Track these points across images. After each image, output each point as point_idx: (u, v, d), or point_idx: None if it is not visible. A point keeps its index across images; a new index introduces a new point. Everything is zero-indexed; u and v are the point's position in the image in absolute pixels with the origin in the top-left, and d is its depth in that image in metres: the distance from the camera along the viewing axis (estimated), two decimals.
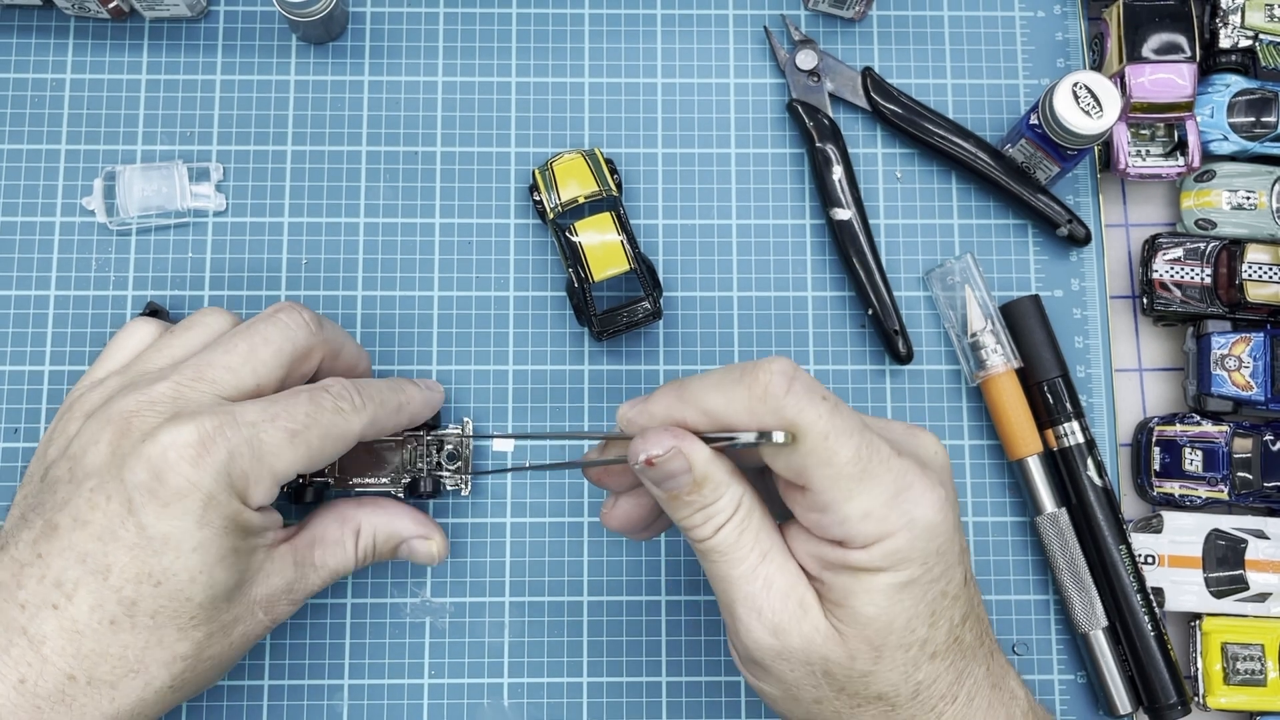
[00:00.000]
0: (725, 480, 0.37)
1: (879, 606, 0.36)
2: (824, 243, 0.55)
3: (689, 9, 0.56)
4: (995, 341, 0.52)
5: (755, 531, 0.37)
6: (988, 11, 0.57)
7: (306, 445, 0.41)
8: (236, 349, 0.42)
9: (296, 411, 0.41)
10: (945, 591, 0.37)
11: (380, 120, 0.55)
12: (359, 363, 0.48)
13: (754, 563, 0.37)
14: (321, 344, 0.44)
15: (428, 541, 0.48)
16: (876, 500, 0.35)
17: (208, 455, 0.38)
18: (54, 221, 0.53)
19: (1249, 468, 0.52)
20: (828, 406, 0.35)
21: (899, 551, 0.36)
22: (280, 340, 0.43)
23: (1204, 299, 0.53)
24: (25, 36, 0.55)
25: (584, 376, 0.53)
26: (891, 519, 0.35)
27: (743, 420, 0.36)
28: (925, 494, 0.36)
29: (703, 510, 0.37)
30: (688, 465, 0.36)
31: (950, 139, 0.54)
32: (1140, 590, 0.50)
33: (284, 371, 0.43)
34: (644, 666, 0.51)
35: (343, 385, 0.43)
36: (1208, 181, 0.54)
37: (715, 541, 0.37)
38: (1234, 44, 0.54)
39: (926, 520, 0.36)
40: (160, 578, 0.38)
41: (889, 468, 0.36)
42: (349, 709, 0.50)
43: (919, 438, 0.39)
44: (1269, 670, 0.51)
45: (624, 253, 0.51)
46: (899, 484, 0.36)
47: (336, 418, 0.42)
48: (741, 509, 0.37)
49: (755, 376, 0.35)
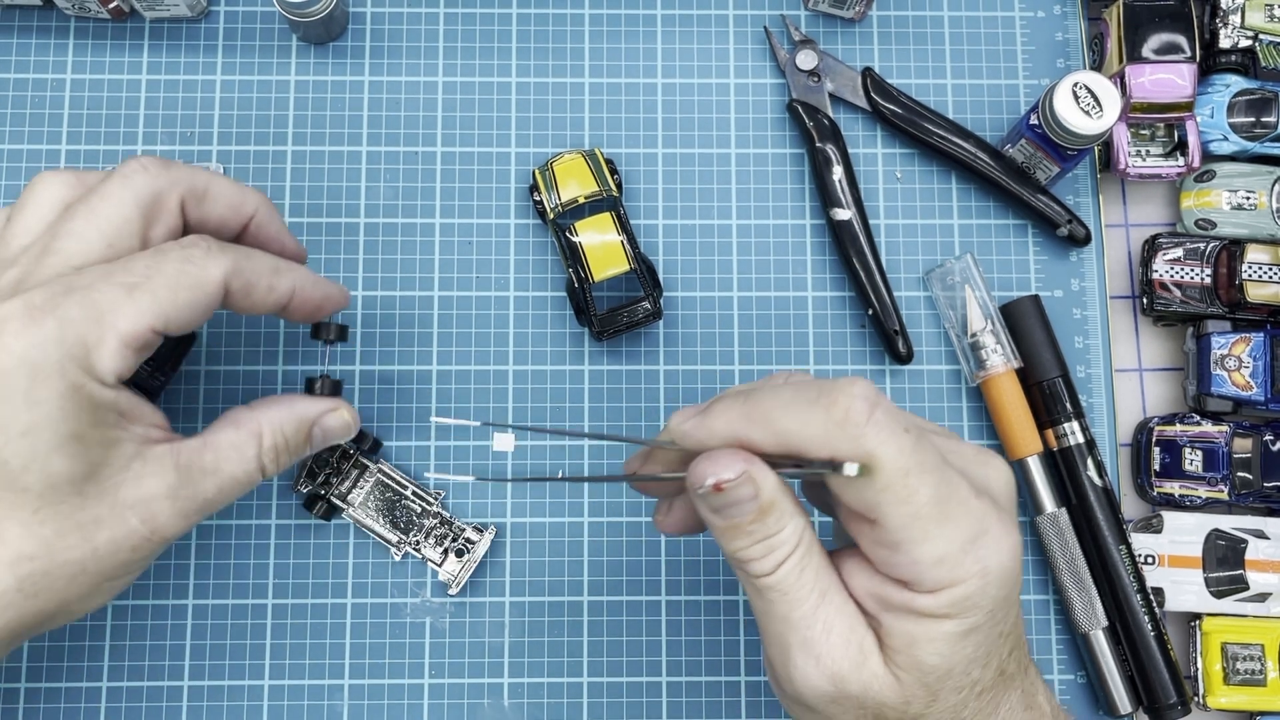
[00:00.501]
0: (791, 510, 0.35)
1: (941, 655, 0.34)
2: (824, 243, 0.55)
3: (689, 9, 0.56)
4: (995, 341, 0.52)
5: (816, 569, 0.35)
6: (988, 11, 0.57)
7: (151, 296, 0.36)
8: (78, 213, 0.38)
9: (135, 265, 0.37)
10: (1003, 633, 0.36)
11: (380, 120, 0.55)
12: (242, 203, 0.42)
13: (814, 604, 0.35)
14: (171, 185, 0.40)
15: (335, 413, 0.44)
16: (953, 545, 0.33)
17: (33, 325, 0.35)
18: None
19: (1249, 468, 0.52)
20: (910, 440, 0.33)
21: (969, 599, 0.34)
22: (120, 192, 0.38)
23: (1204, 299, 0.53)
24: (25, 36, 0.55)
25: (584, 376, 0.53)
26: (966, 565, 0.33)
27: (816, 446, 0.33)
28: (1001, 540, 0.34)
29: (764, 542, 0.35)
30: (755, 492, 0.34)
31: (950, 139, 0.54)
32: (1140, 590, 0.50)
33: (138, 225, 0.39)
34: (644, 666, 0.51)
35: (196, 238, 0.39)
36: (1208, 181, 0.54)
37: (775, 579, 0.35)
38: (1234, 44, 0.54)
39: (1001, 569, 0.34)
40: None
41: (968, 510, 0.34)
42: (349, 709, 0.50)
43: (989, 466, 0.37)
44: (1269, 670, 0.51)
45: (624, 253, 0.51)
46: (976, 529, 0.34)
47: (185, 265, 0.38)
48: (804, 543, 0.35)
49: (834, 399, 0.33)
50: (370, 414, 0.52)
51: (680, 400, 0.53)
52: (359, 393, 0.53)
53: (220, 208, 0.41)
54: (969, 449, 0.37)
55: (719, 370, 0.53)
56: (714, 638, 0.52)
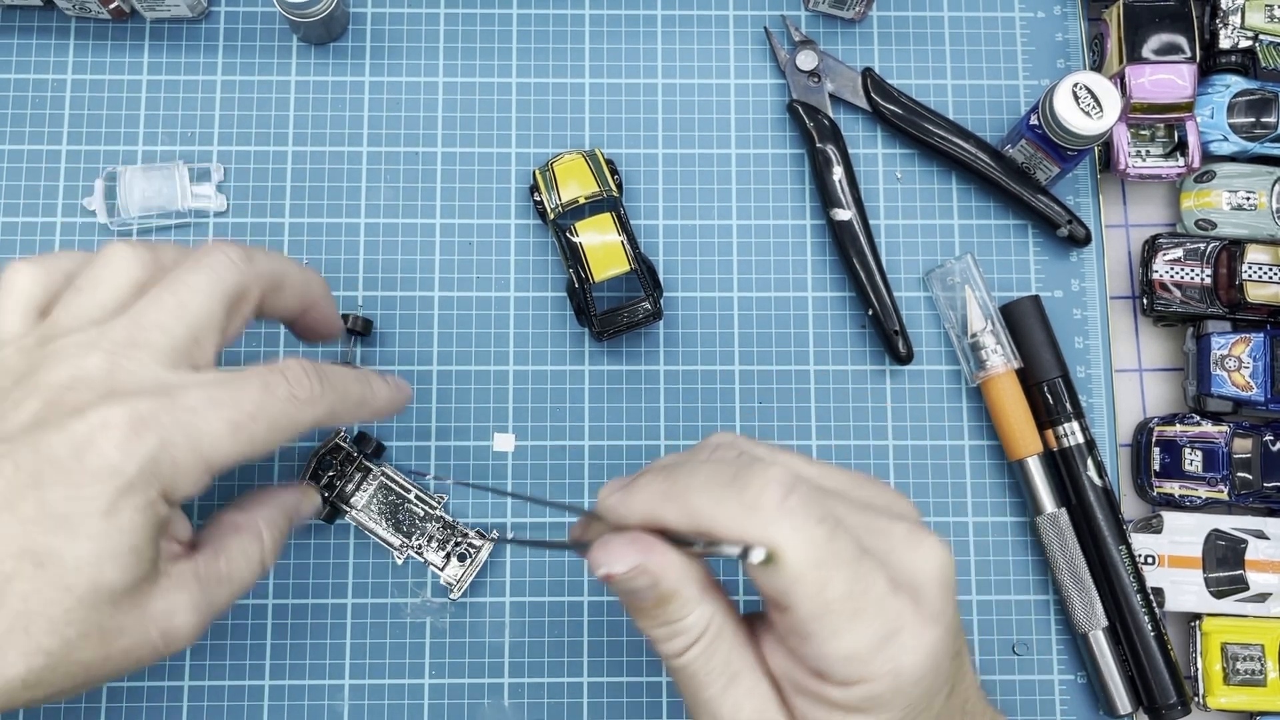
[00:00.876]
0: (695, 597, 0.34)
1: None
2: (824, 243, 0.55)
3: (689, 9, 0.56)
4: (995, 342, 0.52)
5: (727, 653, 0.34)
6: (988, 12, 0.57)
7: (250, 437, 0.37)
8: (165, 304, 0.38)
9: (244, 399, 0.37)
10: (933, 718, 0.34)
11: (381, 121, 0.55)
12: (309, 288, 0.43)
13: (722, 686, 0.34)
14: (255, 280, 0.40)
15: (308, 499, 0.46)
16: (862, 643, 0.32)
17: (137, 440, 0.35)
18: (55, 222, 0.54)
19: (1249, 468, 0.52)
20: (824, 531, 0.32)
21: (880, 697, 0.33)
22: (209, 286, 0.38)
23: (1204, 299, 0.53)
24: (26, 37, 0.55)
25: (584, 377, 0.53)
26: (876, 664, 0.32)
27: (728, 530, 0.32)
28: (916, 638, 0.33)
29: (668, 626, 0.34)
30: (653, 581, 0.34)
31: (950, 139, 0.54)
32: (1140, 590, 0.50)
33: (221, 320, 0.39)
34: (644, 666, 0.51)
35: (302, 369, 0.39)
36: (1208, 182, 0.54)
37: (682, 662, 0.35)
38: (1234, 44, 0.54)
39: (914, 669, 0.33)
40: (43, 558, 0.34)
41: (882, 609, 0.32)
42: (349, 709, 0.50)
43: (919, 550, 0.35)
44: (1269, 670, 0.51)
45: (624, 253, 0.51)
46: (890, 627, 0.32)
47: (289, 407, 0.38)
48: (711, 629, 0.34)
49: (748, 482, 0.32)
50: None
51: (680, 400, 0.53)
52: None
53: (290, 299, 0.42)
54: (900, 530, 0.35)
55: (719, 370, 0.53)
56: None
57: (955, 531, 0.53)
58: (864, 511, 0.35)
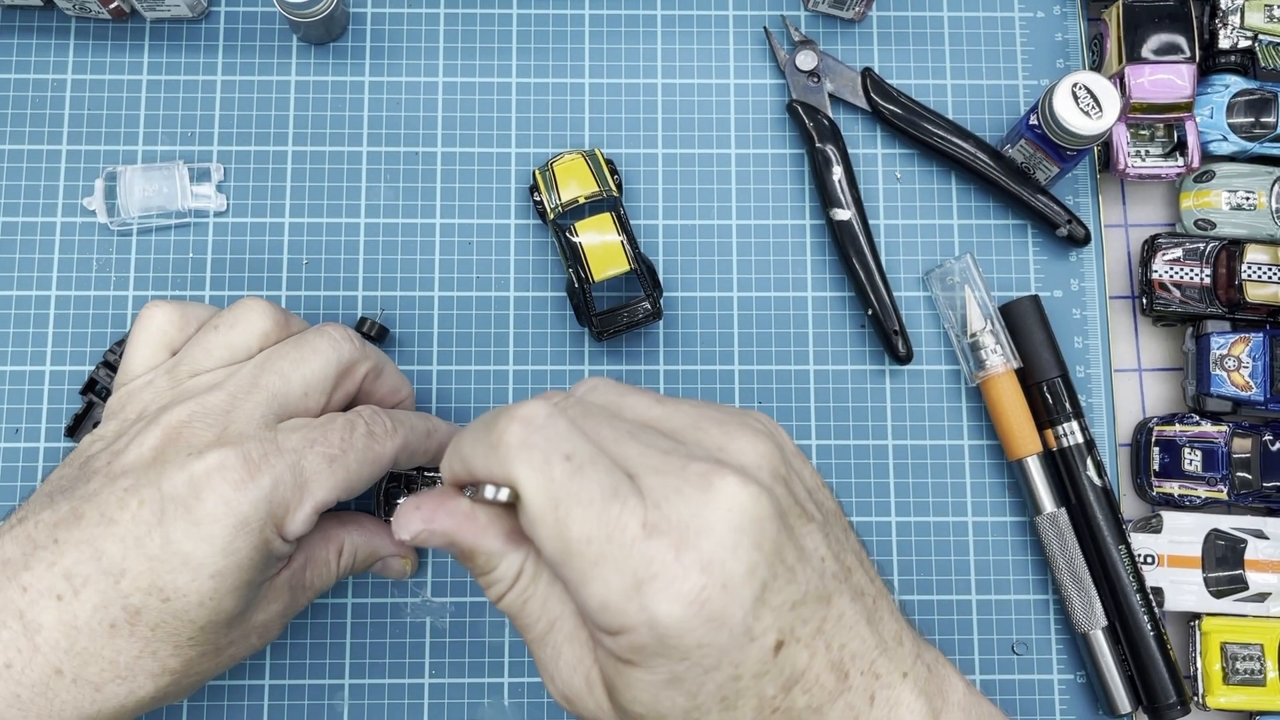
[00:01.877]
0: (499, 549, 0.34)
1: (644, 703, 0.32)
2: (824, 243, 0.55)
3: (689, 9, 0.56)
4: (995, 342, 0.52)
5: (543, 599, 0.35)
6: (988, 12, 0.57)
7: (345, 470, 0.40)
8: (287, 356, 0.42)
9: (332, 436, 0.41)
10: (738, 675, 0.31)
11: (380, 120, 0.55)
12: (400, 387, 0.47)
13: (542, 630, 0.35)
14: (365, 360, 0.44)
15: (403, 561, 0.49)
16: (612, 590, 0.30)
17: (252, 481, 0.38)
18: (55, 222, 0.54)
19: (1248, 468, 0.52)
20: (565, 469, 0.31)
21: (645, 649, 0.31)
22: (328, 351, 0.43)
23: (1203, 299, 0.53)
24: (26, 37, 0.55)
25: (584, 376, 0.53)
26: (630, 614, 0.30)
27: (483, 472, 0.32)
28: (671, 587, 0.30)
29: (484, 576, 0.35)
30: (447, 540, 0.34)
31: (950, 139, 0.54)
32: (1140, 590, 0.50)
33: (331, 384, 0.43)
34: None
35: (374, 411, 0.43)
36: (1207, 182, 0.54)
37: (503, 606, 0.35)
38: (1233, 44, 0.54)
39: (672, 619, 0.30)
40: (170, 594, 0.38)
41: (630, 553, 0.30)
42: (349, 709, 0.50)
43: (709, 491, 0.31)
44: (1268, 670, 0.51)
45: (624, 253, 0.51)
46: (642, 572, 0.30)
47: (371, 442, 0.42)
48: (523, 577, 0.35)
49: (496, 423, 0.32)
50: None
51: None
52: None
53: (385, 389, 0.46)
54: (695, 470, 0.32)
55: (719, 370, 0.53)
56: None
57: (955, 531, 0.53)
58: (662, 453, 0.33)
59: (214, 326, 0.44)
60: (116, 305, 0.53)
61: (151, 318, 0.44)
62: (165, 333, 0.44)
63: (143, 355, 0.44)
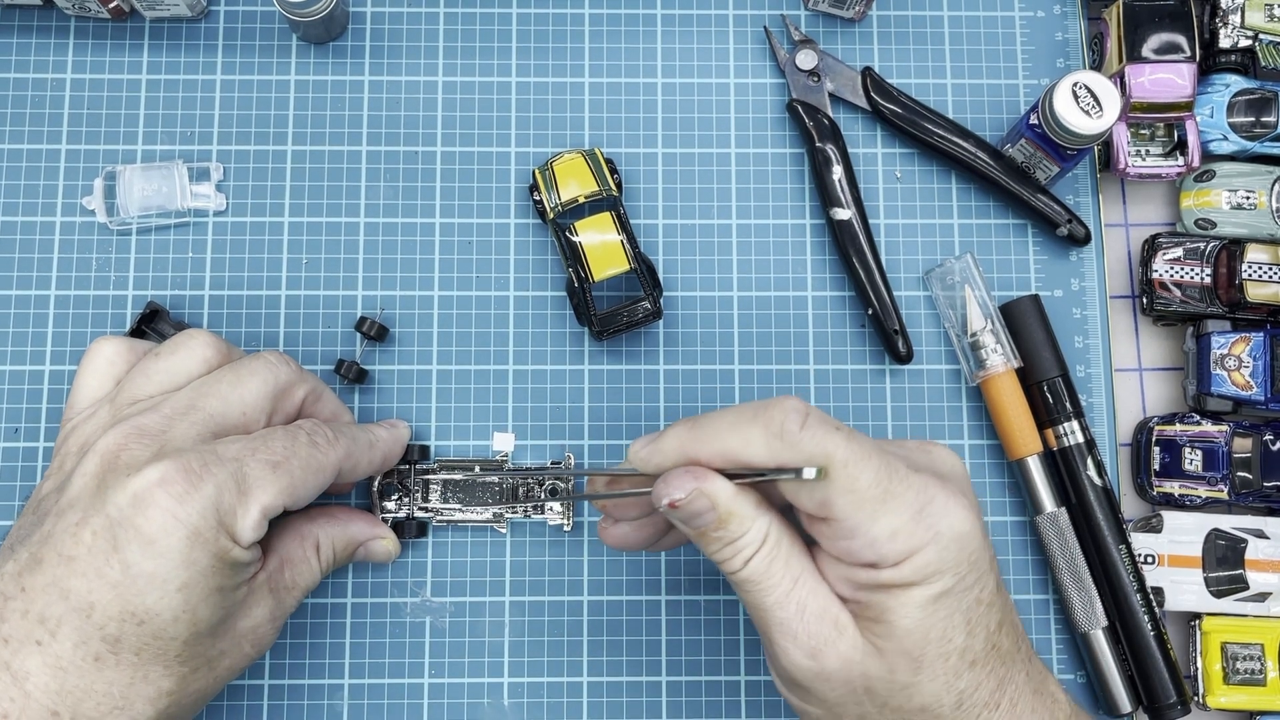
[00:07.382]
0: (751, 514, 0.38)
1: (914, 619, 0.36)
2: (824, 243, 0.55)
3: (689, 9, 0.56)
4: (995, 341, 0.52)
5: (785, 559, 0.38)
6: (988, 11, 0.57)
7: (289, 476, 0.41)
8: (224, 379, 0.43)
9: (274, 444, 0.42)
10: (980, 599, 0.38)
11: (380, 120, 0.55)
12: (341, 413, 0.48)
13: (786, 589, 0.38)
14: (303, 382, 0.46)
15: (383, 541, 0.49)
16: (902, 518, 0.36)
17: (194, 491, 0.38)
18: (54, 221, 0.54)
19: (1249, 467, 0.52)
20: (843, 436, 0.36)
21: (930, 564, 0.36)
22: (265, 373, 0.44)
23: (1204, 299, 0.53)
24: (25, 36, 0.55)
25: (584, 376, 0.53)
26: (919, 534, 0.36)
27: (761, 458, 0.37)
28: (948, 505, 0.37)
29: (731, 545, 0.38)
30: (711, 504, 0.37)
31: (950, 139, 0.54)
32: (1140, 590, 0.50)
33: (269, 405, 0.44)
34: (644, 666, 0.51)
35: (314, 423, 0.45)
36: (1207, 181, 0.54)
37: (746, 573, 0.38)
38: (1234, 44, 0.54)
39: (953, 531, 0.37)
40: (143, 617, 0.38)
41: (909, 485, 0.37)
42: (349, 709, 0.50)
43: (933, 452, 0.40)
44: (1269, 670, 0.51)
45: (624, 252, 0.51)
46: (921, 499, 0.37)
47: (313, 450, 0.43)
48: (770, 539, 0.38)
49: (770, 415, 0.36)
50: (370, 414, 0.52)
51: (680, 400, 0.53)
52: (359, 392, 0.53)
53: (326, 413, 0.47)
54: (912, 443, 0.41)
55: (719, 370, 0.53)
56: (714, 638, 0.52)
57: None
58: (877, 439, 0.39)
59: (155, 354, 0.45)
60: (116, 305, 0.53)
61: (100, 351, 0.45)
62: (113, 364, 0.45)
63: (89, 388, 0.45)
